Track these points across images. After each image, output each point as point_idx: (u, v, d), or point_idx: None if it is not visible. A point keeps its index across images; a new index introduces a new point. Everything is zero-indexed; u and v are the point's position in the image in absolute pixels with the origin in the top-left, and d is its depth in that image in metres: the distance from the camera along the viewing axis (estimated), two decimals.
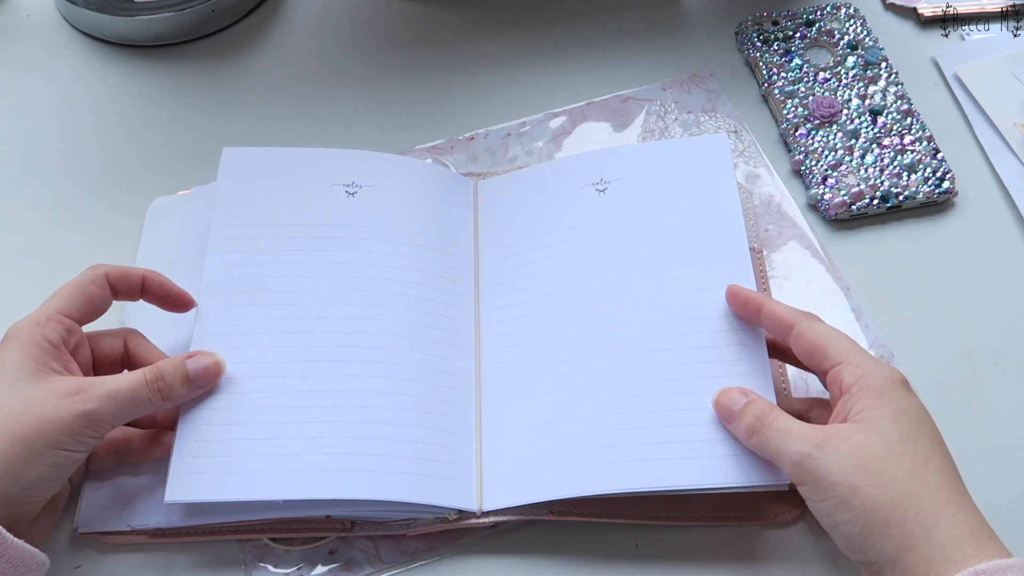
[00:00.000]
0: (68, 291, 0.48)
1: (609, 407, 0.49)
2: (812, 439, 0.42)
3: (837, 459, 0.41)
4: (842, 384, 0.44)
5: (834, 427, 0.43)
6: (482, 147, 0.63)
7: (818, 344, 0.45)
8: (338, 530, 0.47)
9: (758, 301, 0.49)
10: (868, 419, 0.42)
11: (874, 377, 0.43)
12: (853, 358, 0.44)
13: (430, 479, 0.48)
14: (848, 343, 0.45)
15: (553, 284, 0.54)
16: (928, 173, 0.60)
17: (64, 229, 0.60)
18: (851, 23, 0.68)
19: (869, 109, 0.64)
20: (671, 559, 0.48)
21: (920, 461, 0.41)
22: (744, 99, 0.66)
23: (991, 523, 0.41)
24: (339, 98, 0.66)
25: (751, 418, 0.45)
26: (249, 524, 0.47)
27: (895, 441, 0.41)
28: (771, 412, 0.45)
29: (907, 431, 0.42)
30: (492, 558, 0.48)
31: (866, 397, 0.43)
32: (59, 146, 0.64)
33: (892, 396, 0.43)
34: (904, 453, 0.41)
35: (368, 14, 0.71)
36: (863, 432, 0.42)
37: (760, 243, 0.58)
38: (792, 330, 0.47)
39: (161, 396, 0.45)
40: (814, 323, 0.46)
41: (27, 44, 0.70)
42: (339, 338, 0.51)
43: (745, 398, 0.46)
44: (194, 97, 0.67)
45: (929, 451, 0.42)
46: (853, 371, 0.44)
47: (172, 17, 0.68)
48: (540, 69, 0.68)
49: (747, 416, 0.45)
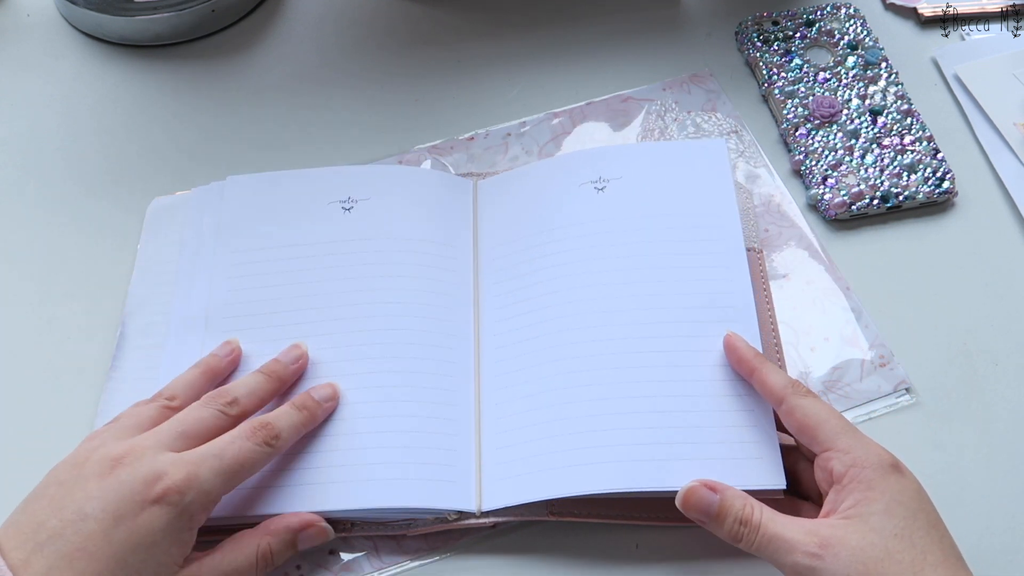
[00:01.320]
0: None
1: (607, 406, 0.49)
2: (808, 548, 0.40)
3: (838, 568, 0.40)
4: (832, 473, 0.43)
5: (828, 528, 0.41)
6: (482, 147, 0.63)
7: (807, 425, 0.45)
8: (338, 531, 0.47)
9: (750, 365, 0.48)
10: (862, 516, 0.41)
11: (864, 466, 0.43)
12: (842, 444, 0.44)
13: (430, 482, 0.48)
14: (837, 424, 0.44)
15: (551, 282, 0.54)
16: (928, 173, 0.60)
17: (64, 229, 0.60)
18: (851, 23, 0.68)
19: (869, 109, 0.64)
20: (671, 559, 0.48)
21: (919, 556, 0.40)
22: (744, 99, 0.66)
23: (990, 523, 0.40)
24: (339, 98, 0.66)
25: (733, 523, 0.43)
26: (246, 520, 0.48)
27: (891, 538, 0.40)
28: (753, 514, 0.43)
29: (902, 523, 0.41)
30: (492, 558, 0.48)
31: (857, 490, 0.42)
32: (59, 146, 0.64)
33: (884, 486, 0.42)
34: (902, 550, 0.40)
35: (368, 14, 0.71)
36: (859, 533, 0.41)
37: (760, 243, 0.58)
38: (781, 405, 0.46)
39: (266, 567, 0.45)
40: (803, 400, 0.45)
41: (27, 44, 0.70)
42: (340, 349, 0.52)
43: (715, 495, 0.44)
44: (194, 97, 0.67)
45: (926, 542, 0.41)
46: (842, 459, 0.43)
47: (172, 17, 0.68)
48: (540, 69, 0.68)
49: (727, 521, 0.43)
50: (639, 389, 0.49)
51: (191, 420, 0.45)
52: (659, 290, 0.52)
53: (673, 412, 0.48)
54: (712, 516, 0.44)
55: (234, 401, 0.47)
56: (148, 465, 0.42)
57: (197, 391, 0.48)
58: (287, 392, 0.50)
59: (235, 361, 0.51)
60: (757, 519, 0.42)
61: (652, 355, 0.50)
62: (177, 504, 0.41)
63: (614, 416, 0.48)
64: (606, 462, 0.47)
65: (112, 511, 0.40)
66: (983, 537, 0.48)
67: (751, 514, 0.43)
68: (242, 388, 0.48)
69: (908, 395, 0.53)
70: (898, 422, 0.52)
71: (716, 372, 0.49)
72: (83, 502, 0.40)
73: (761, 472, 0.45)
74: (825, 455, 0.44)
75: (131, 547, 0.40)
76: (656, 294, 0.52)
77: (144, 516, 0.40)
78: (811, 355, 0.54)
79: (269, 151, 0.63)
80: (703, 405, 0.48)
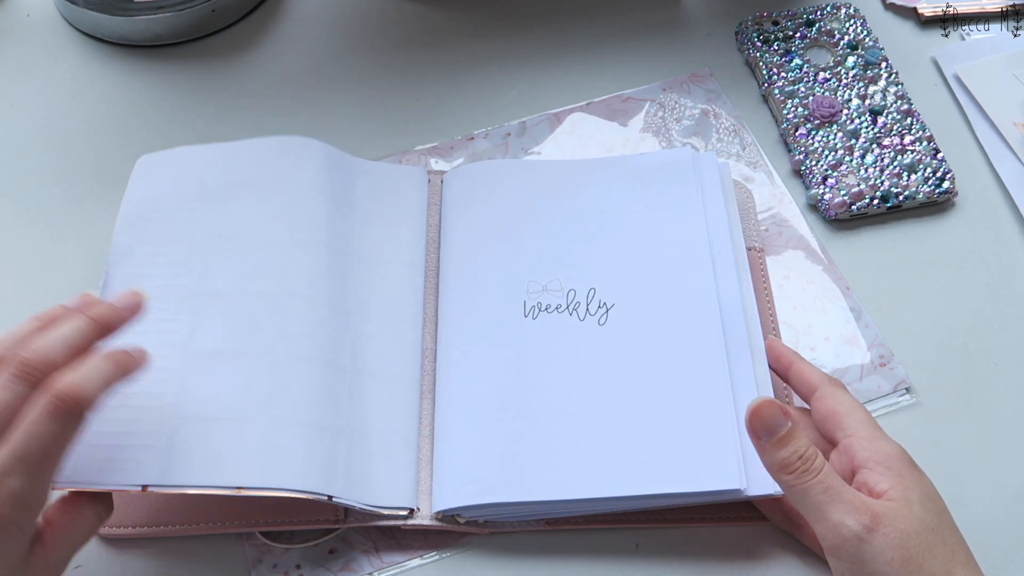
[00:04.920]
0: None
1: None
2: (861, 517, 0.40)
3: (885, 548, 0.40)
4: (854, 458, 0.44)
5: (878, 505, 0.41)
6: (482, 147, 0.63)
7: (835, 411, 0.46)
8: (330, 521, 0.47)
9: (788, 359, 0.49)
10: (906, 501, 0.41)
11: (887, 455, 0.43)
12: (866, 433, 0.44)
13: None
14: (864, 417, 0.45)
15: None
16: (928, 173, 0.60)
17: (64, 229, 0.60)
18: (851, 23, 0.68)
19: (869, 109, 0.64)
20: (671, 559, 0.48)
21: (950, 554, 0.41)
22: (744, 99, 0.66)
23: (990, 523, 0.41)
24: (339, 98, 0.66)
25: (792, 454, 0.42)
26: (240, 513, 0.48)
27: (930, 532, 0.41)
28: (816, 458, 0.42)
29: (936, 519, 0.42)
30: (492, 558, 0.48)
31: (888, 476, 0.43)
32: (59, 146, 0.64)
33: (913, 478, 0.43)
34: (937, 545, 0.41)
35: (368, 14, 0.71)
36: (907, 519, 0.41)
37: (760, 243, 0.58)
38: (815, 392, 0.47)
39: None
40: (836, 390, 0.47)
41: (27, 44, 0.70)
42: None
43: (788, 422, 0.42)
44: (194, 97, 0.67)
45: (954, 541, 0.42)
46: (865, 447, 0.44)
47: (172, 17, 0.68)
48: (540, 69, 0.68)
49: (787, 449, 0.42)
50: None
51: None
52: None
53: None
54: (776, 437, 0.42)
55: (23, 364, 0.40)
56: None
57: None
58: None
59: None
60: (819, 464, 0.41)
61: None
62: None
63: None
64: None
65: None
66: (983, 537, 0.48)
67: (814, 456, 0.42)
68: (44, 342, 0.41)
69: (908, 395, 0.53)
70: (898, 422, 0.52)
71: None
72: None
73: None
74: (848, 441, 0.45)
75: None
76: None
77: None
78: (811, 355, 0.54)
79: None
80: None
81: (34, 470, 0.39)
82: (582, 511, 0.47)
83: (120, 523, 0.48)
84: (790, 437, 0.42)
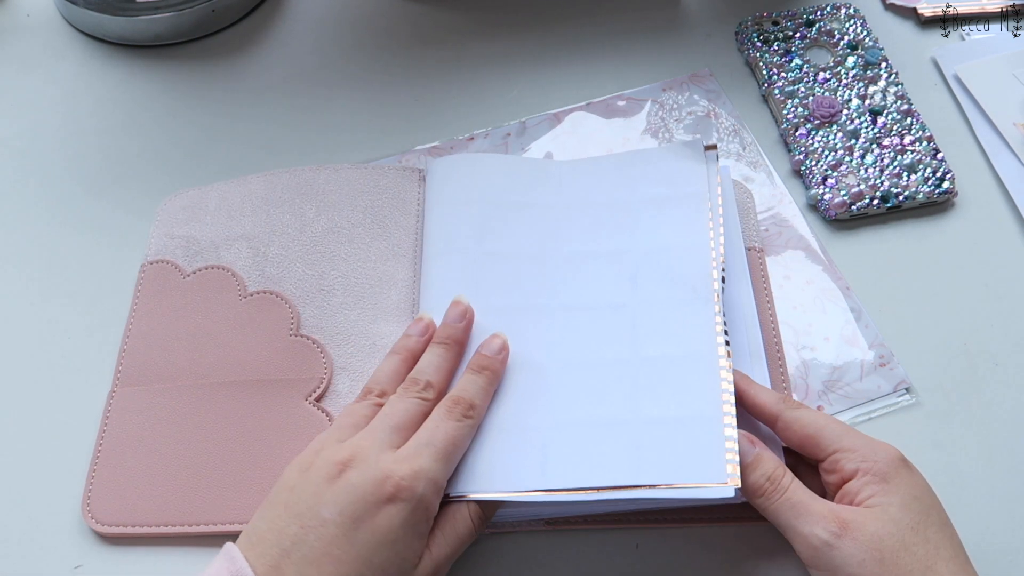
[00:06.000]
0: None
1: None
2: (829, 525, 0.41)
3: (855, 551, 0.41)
4: (843, 472, 0.44)
5: (849, 512, 0.42)
6: (482, 147, 0.63)
7: (808, 435, 0.45)
8: None
9: (738, 387, 0.47)
10: (881, 506, 0.42)
11: (875, 460, 0.43)
12: (848, 443, 0.44)
13: None
14: (838, 428, 0.45)
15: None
16: (928, 173, 0.60)
17: (65, 229, 0.60)
18: (851, 23, 0.68)
19: (869, 109, 0.64)
20: (671, 559, 0.48)
21: (932, 550, 0.41)
22: (744, 99, 0.66)
23: (990, 523, 0.41)
24: (339, 98, 0.66)
25: (760, 477, 0.44)
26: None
27: (908, 531, 0.41)
28: (784, 477, 0.44)
29: (918, 518, 0.42)
30: (492, 558, 0.48)
31: (872, 483, 0.43)
32: (59, 146, 0.64)
33: (898, 480, 0.43)
34: (917, 543, 0.41)
35: (368, 14, 0.71)
36: (878, 521, 0.41)
37: (760, 243, 0.58)
38: (777, 422, 0.46)
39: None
40: (798, 412, 0.46)
41: (27, 44, 0.70)
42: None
43: (754, 448, 0.45)
44: (194, 97, 0.67)
45: (939, 538, 0.42)
46: (851, 457, 0.44)
47: (172, 17, 0.68)
48: (540, 69, 0.68)
49: (756, 473, 0.44)
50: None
51: (398, 413, 0.46)
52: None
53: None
54: (744, 464, 0.44)
55: (427, 385, 0.48)
56: (374, 466, 0.43)
57: (401, 379, 0.49)
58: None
59: (431, 339, 0.51)
60: (787, 482, 0.44)
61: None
62: (411, 499, 0.42)
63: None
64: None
65: (350, 514, 0.41)
66: (983, 537, 0.48)
67: (781, 476, 0.44)
68: (430, 369, 0.49)
69: (908, 395, 0.53)
70: (898, 422, 0.52)
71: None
72: (318, 507, 0.42)
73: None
74: (832, 458, 0.44)
75: (374, 546, 0.41)
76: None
77: (382, 515, 0.41)
78: (811, 355, 0.54)
79: (269, 151, 0.63)
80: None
81: (439, 456, 0.44)
82: (582, 511, 0.47)
83: (120, 523, 0.48)
84: (757, 462, 0.44)
